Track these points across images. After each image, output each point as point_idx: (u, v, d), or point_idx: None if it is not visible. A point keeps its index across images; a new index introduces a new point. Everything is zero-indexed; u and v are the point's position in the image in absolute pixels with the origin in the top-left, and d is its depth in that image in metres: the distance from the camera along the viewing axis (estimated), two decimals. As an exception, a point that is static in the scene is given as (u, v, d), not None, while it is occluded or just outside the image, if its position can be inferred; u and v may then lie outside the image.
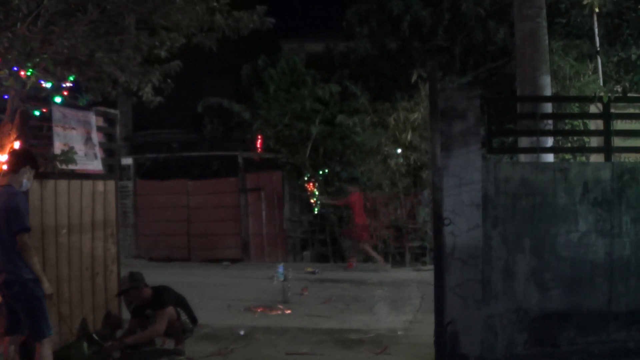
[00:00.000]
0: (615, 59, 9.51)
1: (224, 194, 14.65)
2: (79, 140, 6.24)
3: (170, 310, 6.36)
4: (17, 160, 5.00)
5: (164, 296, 6.45)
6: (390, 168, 13.42)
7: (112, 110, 7.20)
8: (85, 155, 6.32)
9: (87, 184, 6.54)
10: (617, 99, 6.42)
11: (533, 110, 7.44)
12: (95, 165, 6.55)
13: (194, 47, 6.59)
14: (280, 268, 10.64)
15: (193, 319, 6.66)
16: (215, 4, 6.31)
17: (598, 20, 8.45)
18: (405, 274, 12.10)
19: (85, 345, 6.21)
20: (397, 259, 13.75)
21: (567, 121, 9.29)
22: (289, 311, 8.60)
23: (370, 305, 8.99)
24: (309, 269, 12.25)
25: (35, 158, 5.12)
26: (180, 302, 6.60)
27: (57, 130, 5.99)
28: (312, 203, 14.33)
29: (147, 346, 6.51)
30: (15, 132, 5.37)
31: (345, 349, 6.73)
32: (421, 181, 13.46)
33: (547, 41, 8.24)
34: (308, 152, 14.10)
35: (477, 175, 5.64)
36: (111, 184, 7.03)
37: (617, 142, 6.24)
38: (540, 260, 5.78)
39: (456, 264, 5.61)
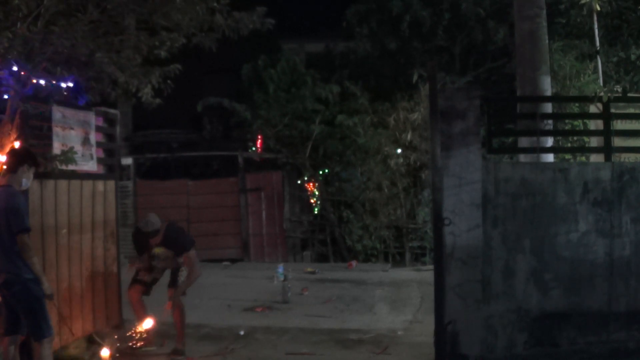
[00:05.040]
0: (615, 59, 9.51)
1: (224, 194, 14.64)
2: (76, 140, 6.24)
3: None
4: (15, 159, 4.99)
5: (183, 238, 6.55)
6: (390, 168, 13.42)
7: (112, 110, 7.19)
8: (82, 155, 6.32)
9: (87, 184, 6.54)
10: (617, 99, 6.41)
11: (533, 110, 7.44)
12: (91, 165, 6.55)
13: (194, 47, 6.59)
14: (280, 268, 10.64)
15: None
16: (215, 4, 6.31)
17: (598, 20, 8.45)
18: (405, 274, 12.10)
19: (85, 345, 6.22)
20: (397, 259, 13.76)
21: (567, 121, 9.29)
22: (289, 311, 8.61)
23: (370, 305, 8.99)
24: (309, 269, 12.24)
25: (34, 156, 5.11)
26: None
27: (57, 130, 5.99)
28: (312, 203, 14.34)
29: (149, 345, 6.53)
30: (15, 132, 5.36)
31: (345, 349, 6.73)
32: (421, 181, 13.46)
33: (547, 41, 8.23)
34: (308, 152, 14.10)
35: (477, 175, 5.64)
36: (111, 184, 7.02)
37: (617, 142, 6.24)
38: (540, 260, 5.78)
39: (456, 264, 5.62)
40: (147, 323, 6.46)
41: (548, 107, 7.96)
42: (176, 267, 6.62)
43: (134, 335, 6.46)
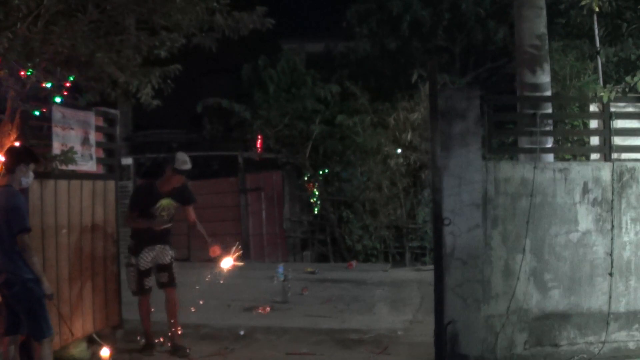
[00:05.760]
0: (615, 59, 9.52)
1: (224, 194, 14.64)
2: (76, 140, 6.24)
3: None
4: (11, 159, 4.98)
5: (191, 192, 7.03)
6: (390, 168, 13.42)
7: (112, 110, 7.19)
8: (82, 155, 6.32)
9: (87, 184, 6.54)
10: (617, 99, 6.41)
11: (533, 110, 7.43)
12: (90, 166, 6.55)
13: (194, 47, 6.59)
14: (280, 268, 10.63)
15: None
16: (215, 4, 6.29)
17: (598, 20, 8.45)
18: (405, 274, 12.10)
19: (85, 345, 6.22)
20: (397, 259, 13.75)
21: (567, 121, 9.29)
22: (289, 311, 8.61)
23: (370, 305, 8.99)
24: (309, 269, 12.24)
25: (31, 154, 5.09)
26: None
27: (56, 130, 5.99)
28: (312, 203, 14.34)
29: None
30: (15, 132, 5.36)
31: (345, 349, 6.73)
32: (421, 181, 13.46)
33: (547, 41, 8.23)
34: (308, 152, 14.10)
35: (477, 175, 5.65)
36: (111, 184, 7.02)
37: (617, 141, 6.23)
38: (540, 260, 5.78)
39: (456, 264, 5.62)
40: (227, 262, 6.74)
41: (548, 107, 7.95)
42: (169, 264, 6.62)
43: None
